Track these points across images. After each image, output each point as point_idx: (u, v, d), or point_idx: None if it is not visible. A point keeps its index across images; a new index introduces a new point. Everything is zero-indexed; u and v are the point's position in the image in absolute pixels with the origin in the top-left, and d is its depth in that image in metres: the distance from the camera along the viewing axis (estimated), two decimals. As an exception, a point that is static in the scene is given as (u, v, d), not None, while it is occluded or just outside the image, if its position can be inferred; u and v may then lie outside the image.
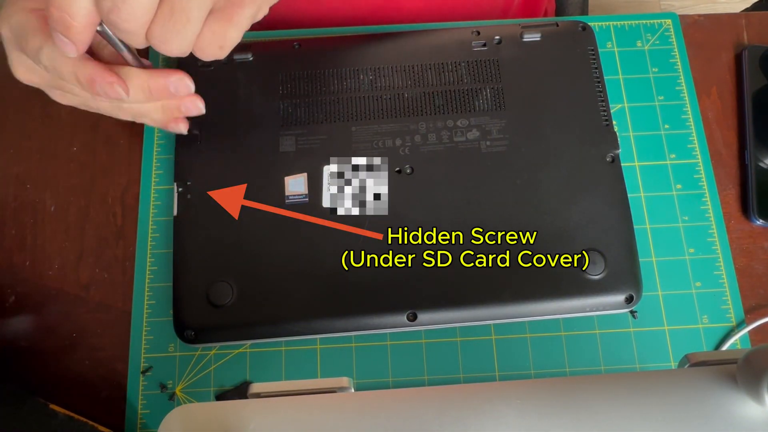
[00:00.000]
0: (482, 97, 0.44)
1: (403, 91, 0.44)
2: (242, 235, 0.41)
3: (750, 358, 0.24)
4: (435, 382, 0.41)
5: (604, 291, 0.40)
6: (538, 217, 0.41)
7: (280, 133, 0.43)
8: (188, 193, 0.42)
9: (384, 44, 0.46)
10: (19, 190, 0.45)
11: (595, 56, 0.45)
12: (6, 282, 0.43)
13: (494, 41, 0.46)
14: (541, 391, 0.26)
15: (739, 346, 0.42)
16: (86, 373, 0.41)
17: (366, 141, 0.43)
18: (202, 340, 0.40)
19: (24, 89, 0.47)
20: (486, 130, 0.43)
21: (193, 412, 0.26)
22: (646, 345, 0.41)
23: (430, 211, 0.41)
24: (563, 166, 0.42)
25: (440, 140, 0.43)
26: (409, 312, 0.39)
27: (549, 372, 0.41)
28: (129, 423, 0.40)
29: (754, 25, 0.49)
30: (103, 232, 0.44)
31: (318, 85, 0.44)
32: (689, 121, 0.46)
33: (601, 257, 0.40)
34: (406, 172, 0.42)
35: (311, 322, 0.39)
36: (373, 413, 0.25)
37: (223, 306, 0.39)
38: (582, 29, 0.46)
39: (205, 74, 0.44)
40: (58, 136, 0.47)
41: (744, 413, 0.24)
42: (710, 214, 0.44)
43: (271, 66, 0.45)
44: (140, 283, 0.43)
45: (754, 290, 0.43)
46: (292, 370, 0.41)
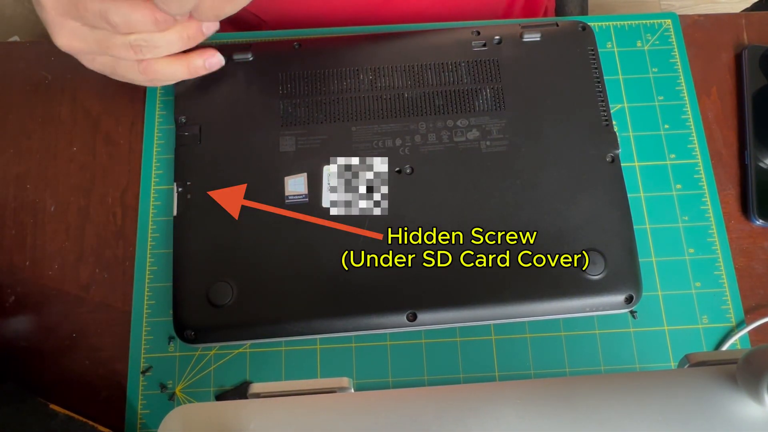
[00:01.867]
0: (482, 97, 0.44)
1: (403, 91, 0.44)
2: (242, 235, 0.41)
3: (750, 358, 0.24)
4: (435, 382, 0.41)
5: (604, 291, 0.40)
6: (538, 217, 0.41)
7: (280, 133, 0.43)
8: (188, 193, 0.42)
9: (384, 44, 0.46)
10: (19, 190, 0.45)
11: (594, 56, 0.45)
12: (6, 282, 0.43)
13: (494, 41, 0.46)
14: (541, 391, 0.26)
15: (739, 346, 0.42)
16: (86, 373, 0.41)
17: (366, 141, 0.43)
18: (202, 340, 0.40)
19: (24, 89, 0.48)
20: (486, 130, 0.43)
21: (193, 412, 0.26)
22: (646, 345, 0.41)
23: (430, 211, 0.41)
24: (563, 166, 0.42)
25: (440, 140, 0.43)
26: (408, 312, 0.39)
27: (549, 372, 0.41)
28: (129, 423, 0.40)
29: (754, 25, 0.49)
30: (103, 232, 0.44)
31: (318, 85, 0.44)
32: (689, 121, 0.46)
33: (601, 257, 0.40)
34: (406, 172, 0.42)
35: (311, 322, 0.39)
36: (373, 413, 0.25)
37: (223, 306, 0.39)
38: (582, 29, 0.46)
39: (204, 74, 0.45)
40: (58, 136, 0.47)
41: (744, 413, 0.24)
42: (710, 214, 0.44)
43: (271, 66, 0.45)
44: (140, 283, 0.43)
45: (753, 290, 0.43)
46: (292, 370, 0.41)
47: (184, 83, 0.44)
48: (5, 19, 0.97)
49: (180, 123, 0.44)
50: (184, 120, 0.44)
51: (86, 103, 0.47)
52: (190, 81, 0.44)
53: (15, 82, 0.48)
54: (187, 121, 0.44)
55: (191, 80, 0.44)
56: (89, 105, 0.47)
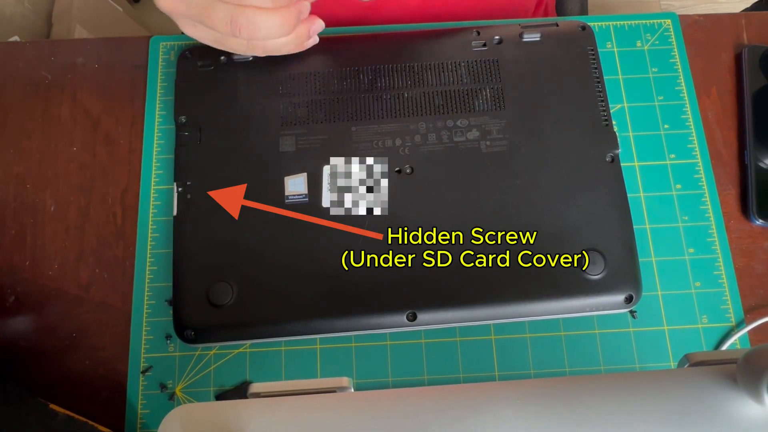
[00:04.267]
0: (482, 97, 0.44)
1: (403, 90, 0.44)
2: (242, 234, 0.41)
3: (750, 358, 0.24)
4: (435, 382, 0.41)
5: (604, 291, 0.40)
6: (538, 217, 0.41)
7: (280, 132, 0.43)
8: (188, 193, 0.42)
9: (384, 44, 0.46)
10: (19, 190, 0.45)
11: (594, 56, 0.45)
12: (6, 282, 0.43)
13: (494, 41, 0.46)
14: (541, 391, 0.26)
15: (738, 346, 0.42)
16: (86, 373, 0.41)
17: (366, 141, 0.43)
18: (202, 340, 0.40)
19: (24, 89, 0.48)
20: (486, 130, 0.43)
21: (193, 412, 0.26)
22: (646, 345, 0.41)
23: (430, 211, 0.41)
24: (563, 166, 0.42)
25: (440, 140, 0.43)
26: (408, 312, 0.39)
27: (549, 372, 0.41)
28: (129, 423, 0.40)
29: (754, 25, 0.49)
30: (103, 232, 0.44)
31: (318, 84, 0.44)
32: (689, 121, 0.46)
33: (600, 257, 0.40)
34: (406, 172, 0.42)
35: (311, 322, 0.39)
36: (373, 413, 0.25)
37: (223, 306, 0.39)
38: (582, 29, 0.46)
39: (205, 74, 0.45)
40: (58, 136, 0.47)
41: (744, 413, 0.24)
42: (710, 214, 0.44)
43: (271, 65, 0.45)
44: (140, 283, 0.43)
45: (753, 290, 0.43)
46: (292, 370, 0.41)
47: (184, 83, 0.45)
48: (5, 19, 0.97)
49: (180, 123, 0.44)
50: (184, 120, 0.44)
51: (86, 103, 0.47)
52: (191, 81, 0.44)
53: (15, 82, 0.48)
54: (187, 121, 0.44)
55: (191, 80, 0.44)
56: (89, 105, 0.47)
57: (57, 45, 0.49)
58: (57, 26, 1.04)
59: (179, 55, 0.45)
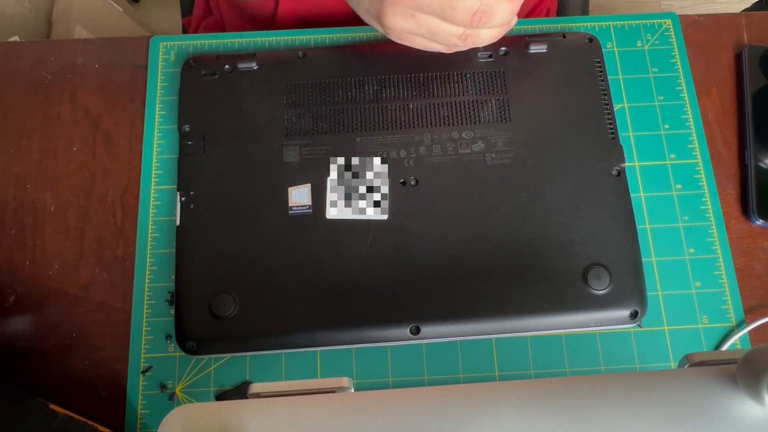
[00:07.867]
0: (488, 109, 0.44)
1: (408, 101, 0.44)
2: (245, 245, 0.40)
3: (750, 358, 0.24)
4: (435, 382, 0.41)
5: (609, 306, 0.39)
6: (543, 231, 0.40)
7: (283, 143, 0.43)
8: (191, 203, 0.42)
9: (389, 54, 0.45)
10: (19, 190, 0.45)
11: (601, 68, 0.45)
12: (6, 282, 0.43)
13: (500, 52, 0.45)
14: (541, 391, 0.26)
15: (738, 346, 0.42)
16: (86, 373, 0.41)
17: (370, 152, 0.42)
18: (205, 352, 0.39)
19: (24, 89, 0.48)
20: (491, 142, 0.43)
21: (193, 412, 0.26)
22: (646, 345, 0.41)
23: (434, 223, 0.41)
24: (569, 179, 0.42)
25: (445, 152, 0.42)
26: (412, 325, 0.39)
27: (549, 372, 0.41)
28: (129, 423, 0.40)
29: (754, 25, 0.49)
30: (103, 232, 0.44)
31: (322, 94, 0.44)
32: (689, 121, 0.46)
33: (606, 272, 0.40)
34: (410, 184, 0.42)
35: (314, 335, 0.39)
36: (373, 413, 0.25)
37: (226, 317, 0.39)
38: (589, 41, 0.45)
39: (209, 83, 0.44)
40: (58, 136, 0.47)
41: (744, 413, 0.24)
42: (710, 214, 0.44)
43: (275, 75, 0.44)
44: (140, 283, 0.43)
45: (753, 290, 0.43)
46: (292, 370, 0.41)
47: (188, 92, 0.44)
48: (5, 19, 0.97)
49: (184, 132, 0.43)
50: (187, 129, 0.43)
51: (86, 103, 0.47)
52: (194, 90, 0.44)
53: (15, 82, 0.48)
54: (191, 130, 0.43)
55: (195, 89, 0.44)
56: (89, 105, 0.47)
57: (57, 45, 0.49)
58: (57, 26, 1.04)
59: (183, 64, 0.45)
